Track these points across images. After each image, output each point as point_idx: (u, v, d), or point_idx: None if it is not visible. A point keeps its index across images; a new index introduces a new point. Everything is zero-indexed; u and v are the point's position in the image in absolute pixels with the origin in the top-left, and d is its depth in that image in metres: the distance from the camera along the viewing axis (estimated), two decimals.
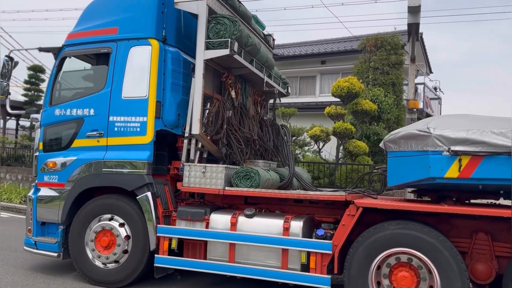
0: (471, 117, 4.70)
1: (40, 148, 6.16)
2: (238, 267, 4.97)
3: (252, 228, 5.01)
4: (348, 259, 4.56)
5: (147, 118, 5.55)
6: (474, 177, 4.21)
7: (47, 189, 6.01)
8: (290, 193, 5.10)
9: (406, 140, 4.60)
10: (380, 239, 4.47)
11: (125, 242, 5.48)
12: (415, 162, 4.46)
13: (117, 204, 5.60)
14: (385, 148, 4.90)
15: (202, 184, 5.31)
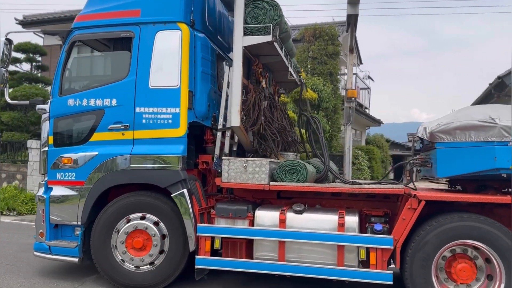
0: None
1: (49, 142, 5.52)
2: (290, 265, 4.72)
3: (303, 224, 4.77)
4: (410, 253, 4.45)
5: (179, 110, 5.12)
6: None
7: (61, 187, 5.42)
8: (346, 187, 4.91)
9: (464, 131, 4.52)
10: (444, 232, 4.39)
11: (162, 242, 5.08)
12: (477, 152, 4.40)
13: (150, 202, 5.15)
14: (432, 139, 4.79)
15: (244, 179, 4.98)
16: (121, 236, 5.12)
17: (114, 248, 5.16)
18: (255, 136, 5.60)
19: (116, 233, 5.15)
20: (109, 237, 5.16)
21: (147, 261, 5.08)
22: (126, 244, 5.13)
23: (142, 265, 5.10)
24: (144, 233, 5.10)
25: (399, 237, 4.50)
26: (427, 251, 4.42)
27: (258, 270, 4.82)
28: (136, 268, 5.12)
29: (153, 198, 5.15)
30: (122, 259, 5.15)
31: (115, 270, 5.15)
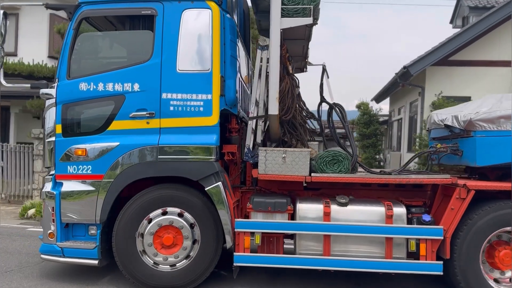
0: None
1: (57, 131, 4.90)
2: (336, 260, 4.53)
3: (348, 217, 4.59)
4: (459, 242, 4.41)
5: (211, 96, 4.71)
6: None
7: (74, 182, 4.84)
8: (393, 178, 4.75)
9: (508, 120, 4.54)
10: (492, 220, 4.40)
11: (195, 236, 4.72)
12: None
13: (181, 196, 4.74)
14: (470, 127, 4.77)
15: (283, 171, 4.69)
16: (148, 234, 4.70)
17: (143, 247, 4.71)
18: (283, 125, 5.30)
19: (144, 230, 4.71)
20: (134, 236, 4.70)
21: (182, 257, 4.73)
22: (154, 242, 4.70)
23: (176, 263, 4.73)
24: (173, 229, 4.71)
25: (448, 227, 4.44)
26: (475, 240, 4.41)
27: (302, 266, 4.59)
28: (171, 266, 4.73)
29: (183, 192, 4.74)
30: (152, 259, 4.71)
31: (142, 271, 4.71)
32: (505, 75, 13.04)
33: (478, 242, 4.42)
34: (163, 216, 4.73)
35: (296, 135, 5.33)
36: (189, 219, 4.72)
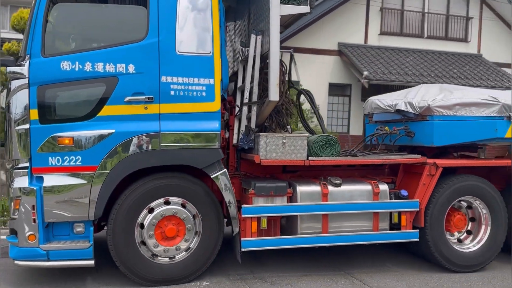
0: (504, 91, 5.84)
1: (32, 117, 4.22)
2: (333, 236, 4.91)
3: (343, 196, 4.98)
4: (429, 212, 5.15)
5: (214, 81, 4.57)
6: None
7: (58, 175, 4.26)
8: (379, 159, 5.23)
9: (464, 106, 5.37)
10: (455, 191, 5.23)
11: (197, 228, 4.60)
12: (480, 125, 5.31)
13: (183, 186, 4.55)
14: (427, 112, 5.52)
15: (283, 155, 4.82)
16: (149, 226, 4.46)
17: (143, 240, 4.44)
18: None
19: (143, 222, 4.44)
20: (133, 229, 4.39)
21: (184, 248, 4.59)
22: (155, 234, 4.47)
23: (176, 255, 4.57)
24: (175, 219, 4.54)
25: (421, 199, 5.14)
26: (441, 209, 5.21)
27: (305, 245, 4.86)
28: (171, 259, 4.56)
29: (185, 181, 4.56)
30: (154, 254, 4.47)
31: (143, 267, 4.44)
32: (327, 63, 15.15)
33: (443, 211, 5.22)
34: (166, 206, 4.50)
35: (278, 120, 5.46)
36: (191, 209, 4.58)
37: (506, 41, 17.02)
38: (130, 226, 4.39)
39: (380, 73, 14.01)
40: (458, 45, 16.69)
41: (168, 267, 4.52)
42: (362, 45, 15.61)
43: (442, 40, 16.57)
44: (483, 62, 16.20)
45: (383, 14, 15.94)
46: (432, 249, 5.16)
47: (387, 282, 4.87)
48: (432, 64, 15.27)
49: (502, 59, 16.65)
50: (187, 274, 4.59)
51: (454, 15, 16.69)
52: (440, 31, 16.62)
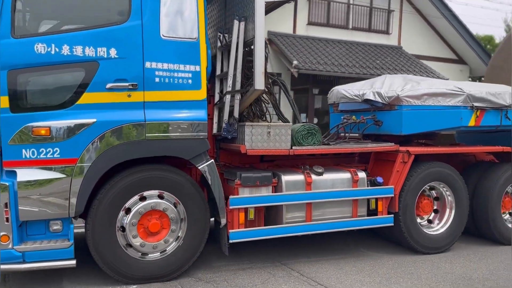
0: (466, 82, 6.18)
1: (2, 105, 3.79)
2: (317, 224, 4.96)
3: (325, 184, 5.04)
4: (402, 198, 5.36)
5: (200, 68, 4.39)
6: (481, 125, 5.76)
7: (34, 169, 3.88)
8: (356, 147, 5.34)
9: (431, 96, 5.63)
10: (425, 177, 5.49)
11: (181, 217, 4.43)
12: (447, 114, 5.60)
13: (159, 177, 4.32)
14: (396, 102, 5.75)
15: (268, 145, 4.77)
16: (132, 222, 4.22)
17: (125, 237, 4.23)
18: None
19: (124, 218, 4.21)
20: (114, 226, 4.15)
21: (171, 242, 4.41)
22: (138, 230, 4.25)
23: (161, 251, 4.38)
24: (159, 214, 4.33)
25: (395, 185, 5.35)
26: (413, 194, 5.45)
27: (291, 234, 4.87)
28: (162, 253, 4.37)
29: (160, 171, 4.34)
30: (143, 253, 4.26)
31: (128, 265, 4.21)
32: None
33: (414, 196, 5.47)
34: (142, 202, 4.26)
35: (256, 109, 5.38)
36: (170, 198, 4.38)
37: (423, 34, 17.89)
38: (111, 230, 4.13)
39: (309, 62, 14.15)
40: (380, 37, 17.24)
41: (160, 262, 4.33)
42: (291, 35, 15.69)
43: (366, 32, 17.05)
44: (403, 54, 16.92)
45: (310, 4, 16.08)
46: (404, 233, 5.40)
47: (324, 272, 4.79)
48: (357, 55, 15.65)
49: (420, 52, 17.53)
50: (180, 265, 4.43)
51: (377, 7, 17.18)
52: (364, 23, 17.05)
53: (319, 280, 4.54)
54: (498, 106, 5.81)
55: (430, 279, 4.66)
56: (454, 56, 18.57)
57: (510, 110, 5.95)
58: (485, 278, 4.73)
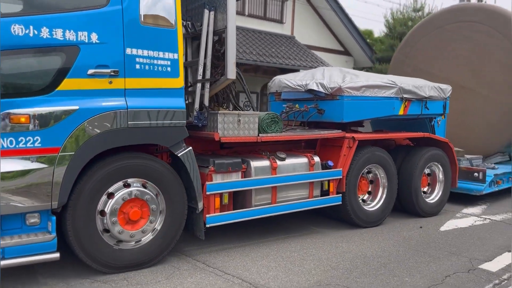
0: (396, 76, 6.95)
1: None
2: (281, 206, 5.32)
3: (288, 169, 5.41)
4: (347, 179, 5.97)
5: (177, 56, 4.43)
6: (408, 113, 6.62)
7: (13, 159, 3.62)
8: (315, 134, 5.76)
9: (369, 88, 6.31)
10: (367, 159, 6.16)
11: (160, 209, 4.44)
12: (382, 104, 6.33)
13: (142, 165, 4.30)
14: (338, 92, 6.35)
15: (238, 133, 4.98)
16: (112, 210, 4.14)
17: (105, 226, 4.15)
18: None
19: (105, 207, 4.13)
20: (93, 215, 4.06)
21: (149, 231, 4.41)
22: (118, 218, 4.18)
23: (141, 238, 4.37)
24: (139, 202, 4.30)
25: (343, 168, 5.93)
26: (356, 175, 6.10)
27: (260, 216, 5.15)
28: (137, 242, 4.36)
29: (143, 160, 4.32)
30: (119, 240, 4.21)
31: (106, 254, 4.13)
32: None
33: (356, 177, 6.11)
34: (127, 189, 4.22)
35: (219, 98, 5.52)
36: (152, 189, 4.40)
37: (314, 25, 18.74)
38: (91, 215, 4.02)
39: None
40: (275, 26, 17.55)
41: (135, 251, 4.30)
42: None
43: (261, 20, 17.22)
44: (296, 44, 17.52)
45: None
46: (349, 210, 6.02)
47: (230, 261, 4.72)
48: (253, 43, 15.82)
49: (311, 42, 18.32)
50: (155, 255, 4.44)
51: None
52: (260, 11, 17.18)
53: (226, 270, 4.45)
54: (420, 98, 6.73)
55: (331, 260, 4.83)
56: (340, 48, 19.49)
57: (429, 101, 6.92)
58: (378, 255, 5.03)
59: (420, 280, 4.35)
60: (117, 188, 4.16)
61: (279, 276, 4.34)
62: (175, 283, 4.09)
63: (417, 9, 20.21)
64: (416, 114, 6.80)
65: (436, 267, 4.72)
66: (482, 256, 5.14)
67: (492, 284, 4.31)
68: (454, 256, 5.11)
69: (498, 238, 5.91)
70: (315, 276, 4.37)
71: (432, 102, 7.00)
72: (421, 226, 6.42)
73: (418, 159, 6.84)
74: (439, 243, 5.61)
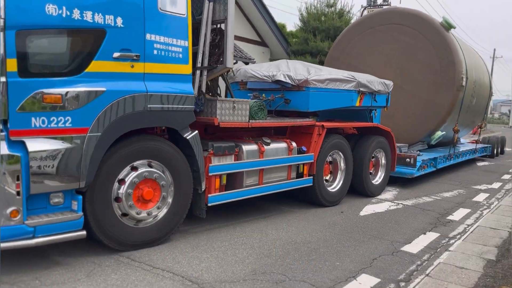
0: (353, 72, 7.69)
1: (10, 68, 3.41)
2: (266, 187, 5.79)
3: (272, 153, 5.88)
4: (317, 163, 6.63)
5: (187, 43, 4.65)
6: (362, 105, 7.44)
7: (44, 139, 3.61)
8: (292, 122, 6.26)
9: (332, 81, 7.00)
10: (331, 145, 6.86)
11: (170, 189, 4.65)
12: (343, 96, 7.05)
13: (157, 147, 4.49)
14: (305, 84, 6.95)
15: (232, 119, 5.33)
16: (128, 189, 4.28)
17: (122, 205, 4.28)
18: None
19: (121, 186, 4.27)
20: (110, 194, 4.18)
21: (161, 208, 4.60)
22: (133, 197, 4.33)
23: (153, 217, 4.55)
24: (151, 182, 4.47)
25: (314, 153, 6.56)
26: (323, 159, 6.77)
27: (250, 195, 5.55)
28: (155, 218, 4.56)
29: (149, 141, 4.47)
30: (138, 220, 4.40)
31: (121, 231, 4.29)
32: None
33: (324, 161, 6.78)
34: (135, 172, 4.36)
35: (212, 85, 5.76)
36: (158, 167, 4.56)
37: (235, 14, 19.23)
38: (108, 201, 4.15)
39: None
40: None
41: (153, 227, 4.51)
42: None
43: None
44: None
45: None
46: (317, 190, 6.68)
47: (157, 254, 4.41)
48: None
49: None
50: (169, 229, 4.67)
51: None
52: None
53: (153, 264, 4.12)
54: (371, 91, 7.60)
55: (263, 247, 4.76)
56: (258, 39, 19.81)
57: (378, 95, 7.83)
58: (307, 240, 5.08)
59: (350, 264, 4.43)
60: (126, 173, 4.29)
61: (212, 267, 4.13)
62: (98, 280, 3.69)
63: (330, 4, 21.26)
64: (367, 106, 7.67)
65: (363, 251, 4.85)
66: (401, 238, 5.39)
67: (415, 265, 4.50)
68: (377, 239, 5.30)
69: (412, 221, 6.28)
70: (249, 265, 4.24)
71: (379, 96, 7.93)
72: (342, 211, 6.68)
73: (368, 145, 7.72)
74: (361, 227, 5.81)
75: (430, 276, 4.07)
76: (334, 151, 7.05)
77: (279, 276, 4.03)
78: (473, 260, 4.57)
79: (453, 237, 5.59)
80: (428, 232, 5.74)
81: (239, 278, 3.93)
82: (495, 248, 4.98)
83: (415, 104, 10.55)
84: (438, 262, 4.51)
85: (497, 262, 4.53)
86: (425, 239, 5.45)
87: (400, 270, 4.37)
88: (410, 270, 4.37)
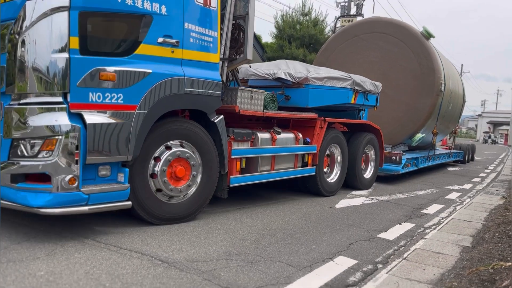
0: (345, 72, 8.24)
1: (72, 46, 3.71)
2: (278, 173, 6.20)
3: (282, 142, 6.30)
4: (319, 154, 7.11)
5: (216, 34, 5.05)
6: (356, 103, 7.99)
7: (99, 113, 3.90)
8: (299, 114, 6.70)
9: (330, 79, 7.52)
10: (331, 138, 7.37)
11: (199, 169, 4.97)
12: (339, 93, 7.58)
13: (189, 129, 4.82)
14: (304, 82, 7.46)
15: (250, 107, 5.74)
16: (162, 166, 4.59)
17: (157, 192, 4.60)
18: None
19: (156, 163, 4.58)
20: (146, 170, 4.49)
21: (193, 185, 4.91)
22: (168, 174, 4.64)
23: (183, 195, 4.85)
24: (183, 161, 4.78)
25: (317, 144, 7.03)
26: (324, 151, 7.26)
27: (264, 180, 5.94)
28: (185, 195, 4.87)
29: (180, 123, 4.80)
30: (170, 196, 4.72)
31: (155, 206, 4.58)
32: None
33: (324, 152, 7.27)
34: (169, 151, 4.67)
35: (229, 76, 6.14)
36: (188, 148, 4.87)
37: None
38: (144, 177, 4.45)
39: None
40: None
41: (184, 203, 4.83)
42: None
43: None
44: None
45: None
46: (318, 181, 7.15)
47: (126, 236, 4.23)
48: None
49: None
50: (199, 205, 4.98)
51: None
52: None
53: (120, 245, 3.96)
54: (364, 91, 8.18)
55: (237, 232, 4.69)
56: None
57: (369, 94, 8.43)
58: (283, 227, 5.06)
59: (326, 247, 4.40)
60: (161, 151, 4.60)
61: (184, 249, 4.00)
62: (59, 259, 3.50)
63: (305, 13, 22.12)
64: (360, 104, 8.24)
65: (339, 237, 4.84)
66: (377, 227, 5.42)
67: (392, 250, 4.52)
68: (353, 227, 5.32)
69: (387, 213, 6.33)
70: (223, 247, 4.15)
71: (370, 95, 8.52)
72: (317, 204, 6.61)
73: (360, 141, 8.28)
74: (337, 217, 5.82)
75: (407, 260, 4.07)
76: (332, 144, 7.55)
77: (254, 256, 3.94)
78: (449, 246, 4.60)
79: (428, 227, 5.64)
80: (404, 223, 5.79)
81: (212, 258, 3.80)
82: (470, 237, 5.04)
83: (397, 108, 11.24)
84: (414, 247, 4.51)
85: (473, 248, 4.58)
86: (401, 228, 5.49)
87: (377, 253, 4.36)
88: (387, 254, 4.37)
